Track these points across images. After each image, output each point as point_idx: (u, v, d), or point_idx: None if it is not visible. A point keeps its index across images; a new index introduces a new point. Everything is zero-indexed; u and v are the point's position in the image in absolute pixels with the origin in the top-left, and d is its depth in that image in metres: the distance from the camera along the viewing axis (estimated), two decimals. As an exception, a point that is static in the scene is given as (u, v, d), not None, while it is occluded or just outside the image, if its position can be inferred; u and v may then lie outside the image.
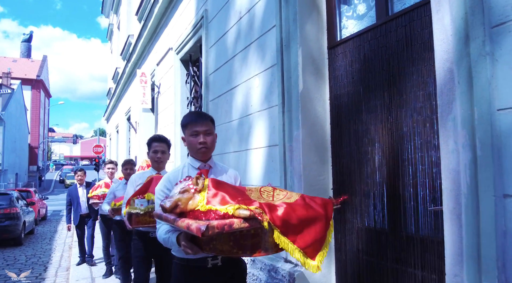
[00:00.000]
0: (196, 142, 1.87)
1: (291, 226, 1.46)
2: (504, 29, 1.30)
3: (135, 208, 2.71)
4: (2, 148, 32.10)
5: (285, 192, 1.66)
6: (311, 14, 2.57)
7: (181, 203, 1.49)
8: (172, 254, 1.90)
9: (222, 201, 1.46)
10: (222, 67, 3.80)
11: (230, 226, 1.36)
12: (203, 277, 1.82)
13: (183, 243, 1.57)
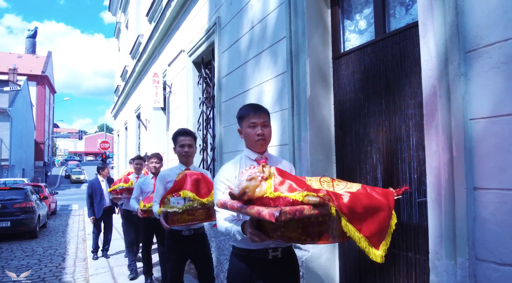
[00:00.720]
0: (254, 133, 1.89)
1: (357, 214, 1.46)
2: (475, 54, 1.62)
3: (171, 207, 2.65)
4: (10, 144, 32.59)
5: (345, 182, 1.66)
6: (318, 27, 2.89)
7: (249, 190, 1.50)
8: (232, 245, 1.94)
9: (289, 188, 1.46)
10: (235, 71, 4.12)
11: (301, 212, 1.36)
12: (263, 268, 1.84)
13: (250, 230, 1.58)
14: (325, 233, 1.47)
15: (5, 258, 7.28)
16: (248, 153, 1.95)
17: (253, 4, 3.65)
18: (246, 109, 1.97)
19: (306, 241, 1.49)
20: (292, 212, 1.34)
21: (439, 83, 1.73)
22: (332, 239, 1.48)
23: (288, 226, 1.46)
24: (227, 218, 1.80)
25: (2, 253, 7.74)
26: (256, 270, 1.85)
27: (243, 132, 1.95)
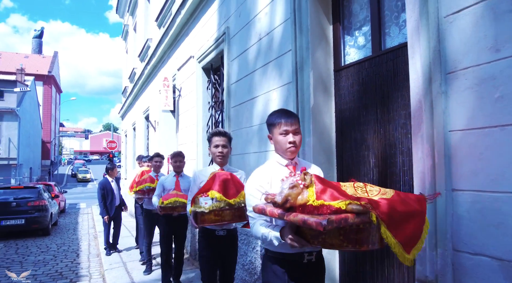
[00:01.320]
0: (286, 141, 1.92)
1: (394, 221, 1.49)
2: (453, 76, 1.90)
3: (200, 207, 2.69)
4: (18, 143, 33.08)
5: (378, 188, 1.68)
6: (321, 42, 3.18)
7: (291, 198, 1.53)
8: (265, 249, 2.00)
9: (331, 196, 1.48)
10: (243, 79, 4.42)
11: (346, 221, 1.39)
12: (298, 271, 1.90)
13: (290, 237, 1.62)
14: (365, 240, 1.49)
15: (21, 253, 7.63)
16: (278, 159, 2.00)
17: (261, 18, 3.94)
18: (278, 116, 1.98)
19: (348, 247, 1.51)
20: (338, 220, 1.38)
21: (424, 99, 2.01)
22: (371, 245, 1.50)
23: (330, 233, 1.50)
24: (262, 224, 1.84)
25: (18, 249, 8.10)
26: (292, 273, 1.90)
27: (274, 139, 1.98)
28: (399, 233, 1.49)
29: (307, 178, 1.57)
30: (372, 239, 1.49)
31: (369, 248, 1.51)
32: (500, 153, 1.69)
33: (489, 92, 1.74)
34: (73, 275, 5.84)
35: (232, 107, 4.73)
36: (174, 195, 4.16)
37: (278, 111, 2.05)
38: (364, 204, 1.42)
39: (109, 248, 6.87)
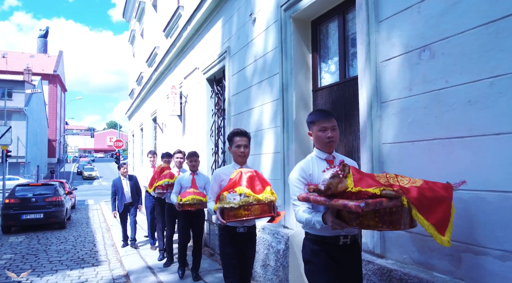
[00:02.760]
0: (325, 136, 2.15)
1: (424, 205, 1.66)
2: (385, 104, 2.70)
3: (228, 203, 2.74)
4: (26, 142, 34.01)
5: (408, 178, 1.85)
6: (302, 68, 3.98)
7: (332, 186, 1.73)
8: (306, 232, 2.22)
9: (367, 184, 1.68)
10: (241, 92, 5.22)
11: (381, 204, 1.59)
12: (335, 251, 2.11)
13: (331, 219, 1.84)
14: (397, 221, 1.68)
15: (44, 244, 8.48)
16: (319, 153, 2.23)
17: (256, 43, 4.74)
18: (318, 115, 2.22)
19: (382, 228, 1.69)
20: (374, 203, 1.57)
21: (367, 119, 2.81)
22: (403, 226, 1.70)
23: (367, 215, 1.68)
24: (305, 210, 2.07)
25: (40, 240, 8.96)
26: (329, 252, 2.11)
27: (314, 135, 2.21)
28: (430, 216, 1.67)
29: (345, 169, 1.79)
30: (404, 221, 1.69)
31: (401, 228, 1.71)
32: (412, 160, 2.49)
33: (405, 118, 2.54)
34: (94, 261, 6.68)
35: (232, 116, 5.54)
36: (191, 193, 4.50)
37: (317, 111, 2.31)
38: (396, 190, 1.63)
39: (125, 242, 7.26)
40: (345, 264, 2.13)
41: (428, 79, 2.37)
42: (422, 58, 2.41)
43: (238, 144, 3.04)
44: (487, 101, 2.02)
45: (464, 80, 2.14)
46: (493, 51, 1.99)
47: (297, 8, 3.84)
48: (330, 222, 1.85)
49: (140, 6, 14.55)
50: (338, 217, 1.83)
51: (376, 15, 2.77)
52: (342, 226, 1.80)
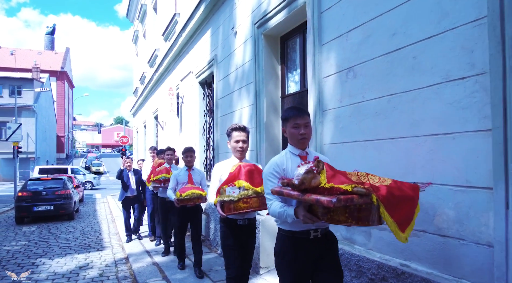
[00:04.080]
0: (298, 133, 2.16)
1: (391, 203, 1.73)
2: (325, 113, 3.35)
3: (228, 196, 2.80)
4: (35, 138, 35.00)
5: (378, 177, 1.91)
6: (272, 78, 4.64)
7: (306, 181, 1.76)
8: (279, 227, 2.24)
9: (340, 181, 1.73)
10: (226, 96, 5.89)
11: (351, 200, 1.64)
12: (305, 246, 2.13)
13: (303, 214, 1.86)
14: (366, 218, 1.74)
15: (54, 233, 9.27)
16: (292, 149, 2.24)
17: (236, 54, 5.40)
18: (291, 112, 2.24)
19: (351, 223, 1.74)
20: (345, 199, 1.62)
21: (314, 124, 3.47)
22: (371, 222, 1.76)
23: (337, 211, 1.72)
24: (278, 204, 2.08)
25: (51, 230, 9.75)
26: (300, 247, 2.14)
27: (288, 131, 2.23)
28: (395, 213, 1.75)
29: (320, 165, 1.83)
30: (372, 217, 1.75)
31: (369, 224, 1.77)
32: (342, 157, 3.14)
33: (338, 124, 3.19)
34: (98, 246, 7.43)
35: (219, 117, 6.21)
36: (190, 188, 4.40)
37: (291, 108, 2.33)
38: (367, 188, 1.69)
39: (129, 236, 7.37)
40: (319, 257, 2.17)
41: (352, 94, 3.02)
42: (348, 77, 3.06)
43: (237, 139, 3.07)
44: (386, 113, 2.67)
45: (373, 96, 2.79)
46: (389, 75, 2.64)
47: (267, 27, 4.48)
48: (301, 216, 1.89)
49: (142, 8, 15.22)
50: (309, 211, 1.87)
51: (319, 39, 3.42)
52: (313, 220, 1.84)
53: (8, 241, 8.15)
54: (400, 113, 2.55)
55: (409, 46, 2.47)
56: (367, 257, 2.73)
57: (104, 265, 5.92)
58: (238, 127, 3.12)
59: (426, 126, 2.35)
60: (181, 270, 4.97)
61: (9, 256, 6.70)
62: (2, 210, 13.85)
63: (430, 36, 2.32)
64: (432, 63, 2.30)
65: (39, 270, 5.70)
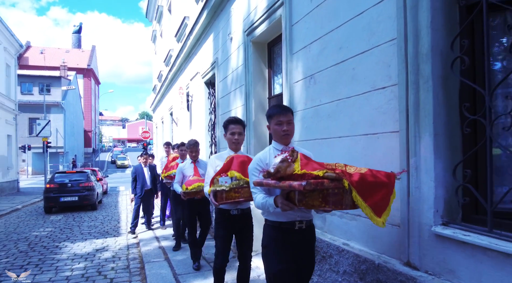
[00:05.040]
0: (280, 129, 2.27)
1: (364, 189, 1.81)
2: (296, 113, 3.81)
3: (220, 186, 2.87)
4: (64, 133, 36.75)
5: (356, 167, 2.00)
6: (260, 80, 5.13)
7: (281, 169, 1.87)
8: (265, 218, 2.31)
9: (312, 168, 1.82)
10: (225, 96, 6.42)
11: (322, 184, 1.73)
12: (291, 236, 2.23)
13: (281, 201, 1.95)
14: (339, 202, 1.82)
15: (78, 221, 10.14)
16: (276, 145, 2.36)
17: (232, 58, 5.91)
18: (275, 109, 2.36)
19: (325, 207, 1.83)
20: (315, 183, 1.70)
21: (287, 124, 3.95)
22: (345, 206, 1.86)
23: (311, 196, 1.80)
24: (261, 196, 2.18)
25: (75, 218, 10.65)
26: (286, 238, 2.23)
27: (271, 128, 2.34)
28: (368, 198, 1.83)
29: (294, 154, 1.95)
30: (345, 202, 1.85)
31: (343, 208, 1.88)
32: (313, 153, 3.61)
33: (303, 124, 3.67)
34: (115, 233, 8.19)
35: (220, 115, 6.76)
36: (196, 181, 4.40)
37: (274, 106, 2.44)
38: (337, 173, 1.79)
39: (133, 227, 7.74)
40: (301, 247, 2.27)
41: (313, 98, 3.48)
42: (310, 83, 3.52)
43: (233, 131, 3.16)
44: (335, 116, 3.13)
45: (327, 101, 3.25)
46: (337, 83, 3.09)
47: (254, 35, 4.97)
48: (280, 204, 1.98)
49: (159, 9, 15.90)
50: (287, 199, 1.95)
51: (290, 49, 3.89)
52: (290, 207, 1.93)
53: (37, 228, 9.06)
54: (344, 116, 3.01)
55: (350, 59, 2.91)
56: (321, 237, 3.21)
57: (117, 249, 6.62)
58: (234, 120, 3.24)
59: (361, 127, 2.80)
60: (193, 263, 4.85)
61: (37, 240, 7.54)
62: (33, 200, 15.01)
63: (363, 51, 2.75)
64: (365, 74, 2.74)
65: (61, 251, 6.47)
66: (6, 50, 18.50)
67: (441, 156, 2.14)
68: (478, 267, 1.88)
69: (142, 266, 5.24)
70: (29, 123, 32.84)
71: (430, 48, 2.15)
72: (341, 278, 2.90)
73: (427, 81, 2.17)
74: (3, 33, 17.77)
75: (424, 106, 2.19)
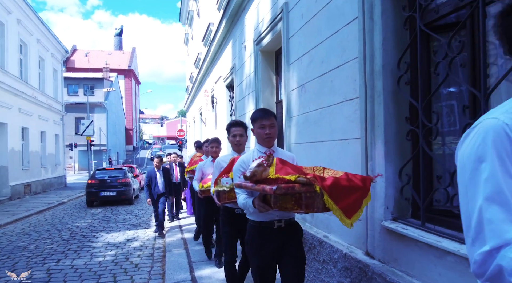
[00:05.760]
0: (263, 133, 2.37)
1: (336, 192, 1.91)
2: (292, 119, 4.21)
3: (222, 186, 3.00)
4: (106, 131, 38.90)
5: (333, 170, 2.12)
6: (268, 86, 5.54)
7: (257, 173, 1.97)
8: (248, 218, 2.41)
9: (286, 172, 1.94)
10: (241, 100, 6.89)
11: (293, 188, 1.84)
12: (270, 235, 2.35)
13: (257, 202, 2.06)
14: (311, 205, 1.91)
15: (115, 214, 11.06)
16: (259, 147, 2.47)
17: (246, 65, 6.37)
18: (257, 114, 2.47)
19: (298, 210, 1.93)
20: (286, 187, 1.82)
21: (284, 128, 4.35)
22: (316, 209, 1.96)
23: (285, 199, 1.91)
24: (243, 196, 2.28)
25: (113, 212, 11.59)
26: (266, 236, 2.35)
27: (255, 131, 2.44)
28: (340, 201, 1.92)
29: (270, 159, 2.03)
30: (317, 205, 1.94)
31: (314, 211, 1.96)
32: (301, 154, 3.99)
33: (297, 129, 4.05)
34: (146, 225, 8.94)
35: (238, 117, 7.24)
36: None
37: (258, 110, 2.56)
38: (308, 178, 1.87)
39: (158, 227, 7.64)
40: (283, 244, 2.38)
41: (304, 105, 3.86)
42: (302, 92, 3.90)
43: (234, 133, 3.31)
44: (319, 122, 3.50)
45: (313, 108, 3.62)
46: (321, 93, 3.46)
47: (262, 44, 5.39)
48: (256, 205, 2.09)
49: (189, 14, 16.66)
50: (264, 201, 2.06)
51: (287, 60, 4.28)
52: (265, 208, 2.04)
53: (78, 219, 10.03)
54: (326, 123, 3.37)
55: (330, 72, 3.27)
56: (308, 231, 3.60)
57: (146, 239, 7.32)
58: (235, 122, 3.38)
59: (337, 133, 3.15)
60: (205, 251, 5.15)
61: (77, 230, 8.43)
62: (78, 195, 16.31)
63: (338, 65, 3.11)
64: (339, 86, 3.10)
65: (97, 240, 7.25)
66: (53, 56, 20.07)
67: (391, 160, 2.48)
68: (412, 256, 2.22)
69: (164, 254, 5.84)
70: (75, 122, 35.04)
71: (381, 67, 2.49)
72: (321, 266, 3.28)
73: (380, 95, 2.51)
74: (50, 41, 19.30)
75: (378, 117, 2.53)
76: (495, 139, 0.86)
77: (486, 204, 0.84)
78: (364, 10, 2.63)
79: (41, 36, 17.91)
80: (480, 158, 0.87)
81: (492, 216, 0.83)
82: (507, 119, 0.86)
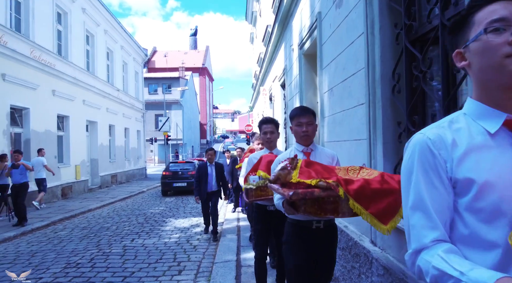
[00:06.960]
0: (300, 130, 2.35)
1: (365, 196, 1.82)
2: (326, 118, 4.59)
3: (249, 184, 3.01)
4: (182, 126, 41.70)
5: (370, 170, 2.02)
6: (311, 87, 5.94)
7: (281, 177, 1.96)
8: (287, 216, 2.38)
9: (308, 176, 1.90)
10: (291, 99, 7.35)
11: (311, 194, 1.77)
12: (308, 234, 2.33)
13: (285, 205, 2.04)
14: (335, 209, 1.86)
15: (185, 203, 12.25)
16: (297, 146, 2.43)
17: (293, 67, 6.80)
18: (295, 111, 2.46)
19: (321, 214, 1.88)
20: (303, 193, 1.77)
21: (319, 126, 4.74)
22: (342, 214, 1.88)
23: (308, 203, 1.89)
24: (278, 196, 2.25)
25: (183, 201, 12.83)
26: (303, 235, 2.33)
27: (293, 129, 2.43)
28: (371, 206, 1.81)
29: (293, 162, 2.00)
30: (342, 210, 1.86)
31: (339, 216, 1.90)
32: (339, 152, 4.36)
33: (328, 128, 4.42)
34: (210, 214, 9.87)
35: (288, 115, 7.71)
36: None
37: (296, 108, 2.54)
38: (329, 182, 1.81)
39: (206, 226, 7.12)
40: (319, 246, 2.33)
41: (332, 107, 4.23)
42: (331, 95, 4.27)
43: (265, 130, 3.30)
44: (342, 123, 3.86)
45: (338, 110, 3.98)
46: (343, 97, 3.81)
47: (304, 49, 5.80)
48: (284, 208, 2.07)
49: (253, 14, 17.38)
50: (292, 204, 1.98)
51: (321, 64, 4.66)
52: (291, 212, 1.98)
53: (154, 207, 11.36)
54: (347, 124, 3.73)
55: (348, 78, 3.61)
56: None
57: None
58: (266, 120, 3.37)
59: (354, 133, 3.50)
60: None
61: (151, 215, 9.65)
62: (155, 185, 18.10)
63: (353, 73, 3.45)
64: (355, 91, 3.44)
65: (166, 225, 8.31)
66: (135, 60, 22.31)
67: (389, 159, 2.80)
68: (400, 242, 2.55)
69: (219, 238, 6.59)
70: (155, 119, 38.18)
71: (380, 76, 2.82)
72: (341, 253, 3.67)
73: (379, 101, 2.84)
74: (132, 46, 21.49)
75: (378, 120, 2.87)
76: (420, 153, 0.96)
77: (411, 211, 0.96)
78: (367, 25, 2.96)
79: (124, 43, 20.05)
80: (409, 170, 0.98)
81: (414, 222, 0.95)
82: (431, 134, 0.96)
